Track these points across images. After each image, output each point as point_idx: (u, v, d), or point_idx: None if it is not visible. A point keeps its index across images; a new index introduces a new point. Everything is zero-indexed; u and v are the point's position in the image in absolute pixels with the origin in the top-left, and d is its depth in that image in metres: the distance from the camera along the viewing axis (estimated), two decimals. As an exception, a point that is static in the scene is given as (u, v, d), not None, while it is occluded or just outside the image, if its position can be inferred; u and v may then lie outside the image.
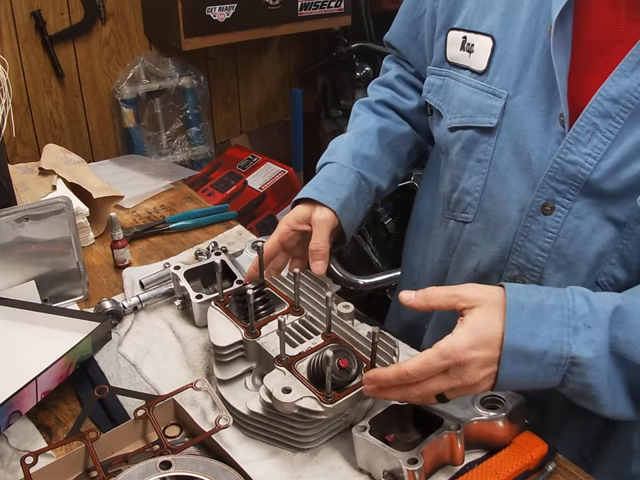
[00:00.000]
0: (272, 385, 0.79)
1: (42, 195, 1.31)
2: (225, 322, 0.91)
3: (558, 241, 0.83)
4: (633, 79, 0.73)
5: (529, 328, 0.70)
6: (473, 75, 0.87)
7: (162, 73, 2.52)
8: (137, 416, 0.82)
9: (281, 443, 0.82)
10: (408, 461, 0.72)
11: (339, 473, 0.79)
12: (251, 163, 2.63)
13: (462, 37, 0.88)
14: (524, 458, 0.76)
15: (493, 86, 0.84)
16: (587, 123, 0.77)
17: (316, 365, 0.80)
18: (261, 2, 2.34)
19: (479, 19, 0.86)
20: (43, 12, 2.20)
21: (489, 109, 0.85)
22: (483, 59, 0.85)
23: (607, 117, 0.75)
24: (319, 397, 0.77)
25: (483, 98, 0.86)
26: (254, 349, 0.88)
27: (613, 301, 0.71)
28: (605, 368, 0.70)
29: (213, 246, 1.27)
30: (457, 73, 0.90)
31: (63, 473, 0.77)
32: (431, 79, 0.96)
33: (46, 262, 1.10)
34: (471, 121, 0.87)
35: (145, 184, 1.58)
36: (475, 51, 0.86)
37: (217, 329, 0.90)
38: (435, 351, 0.69)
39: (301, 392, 0.77)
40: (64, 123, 2.40)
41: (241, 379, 0.89)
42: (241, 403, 0.84)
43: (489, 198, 0.88)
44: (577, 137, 0.78)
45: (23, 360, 0.95)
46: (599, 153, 0.77)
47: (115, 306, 1.05)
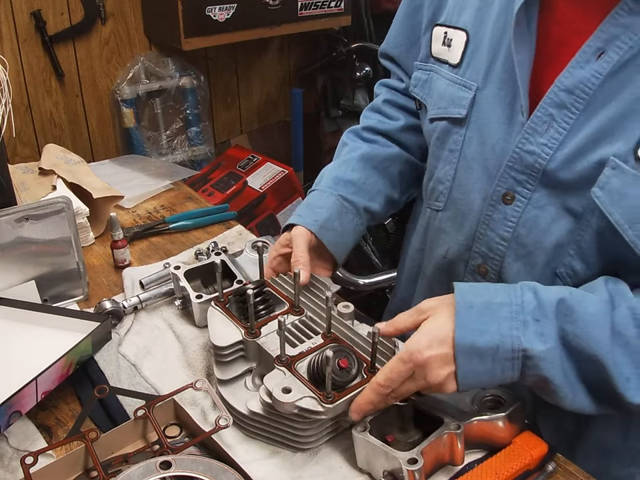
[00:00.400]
0: (272, 384, 0.78)
1: (42, 195, 1.31)
2: (224, 322, 0.91)
3: (517, 230, 0.85)
4: (587, 69, 0.75)
5: (477, 325, 0.72)
6: (449, 69, 0.91)
7: (162, 73, 2.52)
8: (137, 416, 0.82)
9: (281, 443, 0.82)
10: (408, 460, 0.72)
11: (338, 473, 0.79)
12: (251, 163, 2.63)
13: (444, 32, 0.92)
14: (524, 458, 0.76)
15: (465, 78, 0.88)
16: (544, 113, 0.78)
17: (316, 365, 0.80)
18: (261, 2, 2.34)
19: (457, 14, 0.90)
20: (42, 12, 2.19)
21: (459, 101, 0.89)
22: (457, 53, 0.90)
23: (563, 108, 0.77)
24: (319, 397, 0.77)
25: (455, 90, 0.89)
26: (254, 349, 0.87)
27: (558, 294, 0.73)
28: (558, 360, 0.71)
29: (212, 246, 1.27)
30: (439, 67, 0.94)
31: (63, 472, 0.77)
32: (417, 73, 0.99)
33: (46, 262, 1.10)
34: (445, 112, 0.91)
35: (145, 184, 1.58)
36: (452, 45, 0.90)
37: (217, 329, 0.89)
38: (397, 357, 0.75)
39: (301, 392, 0.77)
40: (64, 123, 2.40)
41: (241, 378, 0.89)
42: (241, 403, 0.84)
43: (458, 187, 0.92)
44: (534, 128, 0.80)
45: (23, 360, 0.95)
46: (554, 143, 0.78)
47: (115, 306, 1.05)
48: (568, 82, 0.76)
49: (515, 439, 0.78)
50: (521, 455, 0.76)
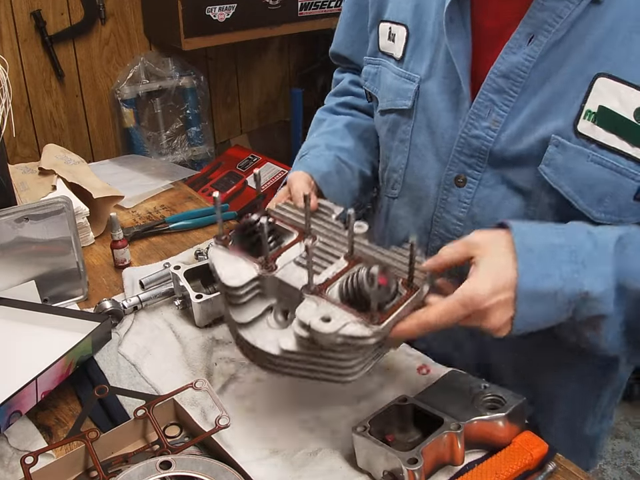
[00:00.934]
0: (307, 316, 0.70)
1: (42, 195, 1.31)
2: (232, 260, 0.80)
3: (472, 210, 0.88)
4: (519, 54, 0.79)
5: (539, 269, 0.70)
6: (395, 62, 0.95)
7: (162, 73, 2.52)
8: (137, 416, 0.82)
9: (321, 379, 0.75)
10: (408, 460, 0.72)
11: (338, 472, 0.79)
12: (251, 163, 2.63)
13: (388, 27, 0.96)
14: (524, 458, 0.76)
15: (409, 71, 0.92)
16: (485, 99, 0.83)
17: (350, 288, 0.73)
18: (261, 2, 2.35)
19: (397, 10, 0.94)
20: (42, 12, 2.20)
21: (405, 93, 0.92)
22: (400, 47, 0.93)
23: (502, 92, 0.81)
24: (364, 321, 0.69)
25: (400, 83, 0.93)
26: (273, 284, 0.79)
27: (615, 233, 0.73)
28: (613, 299, 0.71)
29: (213, 246, 1.27)
30: (386, 61, 0.97)
31: (63, 472, 0.77)
32: (367, 68, 1.02)
33: (46, 262, 1.10)
34: (392, 104, 0.95)
35: (145, 184, 1.58)
36: (395, 40, 0.94)
37: (226, 268, 0.79)
38: (456, 301, 0.69)
39: (343, 318, 0.70)
40: (64, 123, 2.40)
41: (261, 319, 0.79)
42: (270, 343, 0.75)
43: (411, 174, 0.95)
44: (477, 113, 0.84)
45: (23, 360, 0.95)
46: (497, 126, 0.82)
47: (115, 306, 1.05)
48: (503, 67, 0.81)
49: (515, 439, 0.78)
50: (521, 454, 0.76)
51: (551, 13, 0.76)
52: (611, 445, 2.25)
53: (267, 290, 0.79)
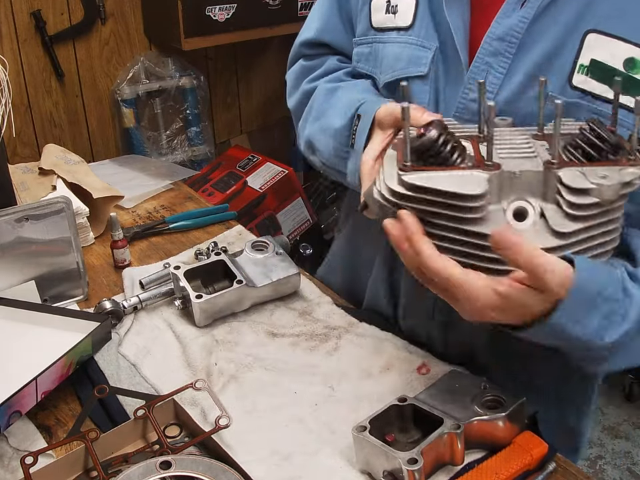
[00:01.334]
0: (581, 181, 0.66)
1: (42, 195, 1.31)
2: (442, 175, 0.69)
3: None
4: (513, 17, 0.82)
5: (577, 315, 0.69)
6: (400, 33, 0.93)
7: (162, 73, 2.52)
8: (137, 416, 0.82)
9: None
10: (408, 460, 0.72)
11: (338, 472, 0.79)
12: (251, 163, 2.63)
13: (385, 1, 0.94)
14: (524, 458, 0.76)
15: (421, 39, 0.91)
16: (481, 62, 0.84)
17: (586, 145, 0.69)
18: (261, 2, 2.34)
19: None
20: (42, 12, 2.20)
21: (419, 60, 0.91)
22: (408, 16, 0.92)
23: (497, 55, 0.83)
24: (630, 163, 0.67)
25: (412, 50, 0.91)
26: (502, 182, 0.69)
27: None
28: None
29: (212, 246, 1.27)
30: (383, 36, 0.95)
31: (63, 472, 0.77)
32: (359, 49, 0.99)
33: (46, 262, 1.10)
34: (404, 73, 0.92)
35: (145, 184, 1.58)
36: (399, 11, 0.93)
37: (445, 183, 0.68)
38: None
39: (610, 171, 0.67)
40: (64, 123, 2.40)
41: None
42: (533, 242, 0.67)
43: None
44: (474, 77, 0.84)
45: (23, 360, 0.95)
46: (494, 88, 0.84)
47: (115, 306, 1.05)
48: (498, 31, 0.82)
49: (515, 439, 0.78)
50: (521, 454, 0.76)
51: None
52: (611, 445, 2.25)
53: (493, 194, 0.69)
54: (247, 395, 0.92)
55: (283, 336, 1.04)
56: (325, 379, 0.95)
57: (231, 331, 1.05)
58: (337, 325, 1.06)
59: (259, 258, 1.13)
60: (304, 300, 1.12)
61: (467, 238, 0.69)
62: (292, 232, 2.62)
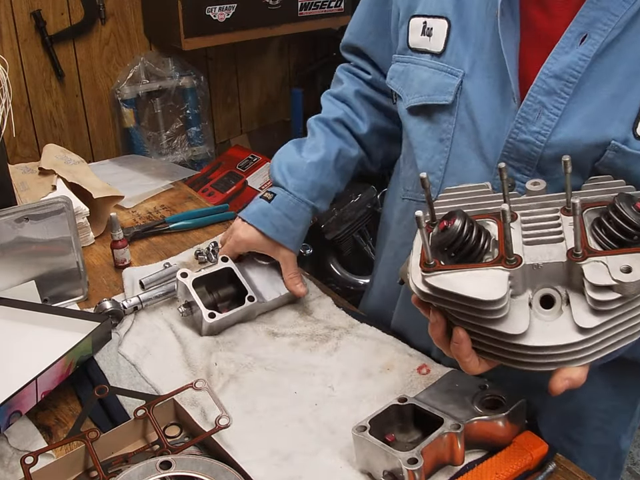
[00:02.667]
0: (604, 277, 0.64)
1: (42, 195, 1.31)
2: (462, 276, 0.69)
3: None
4: (572, 54, 0.76)
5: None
6: (432, 57, 0.90)
7: (162, 73, 2.52)
8: (137, 416, 0.82)
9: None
10: (408, 460, 0.72)
11: (338, 472, 0.79)
12: (251, 163, 2.63)
13: (422, 22, 0.91)
14: (524, 458, 0.76)
15: (451, 65, 0.87)
16: (534, 101, 0.79)
17: (613, 227, 0.67)
18: (261, 2, 2.34)
19: (435, 3, 0.90)
20: (42, 12, 2.20)
21: (445, 87, 0.88)
22: (440, 41, 0.89)
23: (552, 94, 0.77)
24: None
25: (440, 77, 0.88)
26: (524, 275, 0.69)
27: None
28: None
29: (212, 246, 1.27)
30: (418, 58, 0.93)
31: (62, 472, 0.77)
32: (395, 66, 0.98)
33: (46, 262, 1.10)
34: (428, 99, 0.90)
35: (145, 184, 1.58)
36: (433, 34, 0.90)
37: (465, 286, 0.68)
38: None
39: (636, 261, 0.64)
40: (64, 123, 2.40)
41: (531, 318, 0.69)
42: (564, 334, 0.67)
43: (451, 176, 0.89)
44: (525, 117, 0.80)
45: (23, 360, 0.95)
46: (547, 130, 0.79)
47: (115, 306, 1.05)
48: (555, 68, 0.77)
49: (515, 439, 0.78)
50: (521, 454, 0.76)
51: (606, 12, 0.73)
52: (611, 445, 2.24)
53: (518, 286, 0.70)
54: (247, 395, 0.92)
55: (283, 336, 1.04)
56: (325, 379, 0.94)
57: (231, 331, 1.05)
58: (337, 325, 1.05)
59: (265, 265, 1.11)
60: (304, 300, 1.12)
61: (491, 335, 0.69)
62: (292, 232, 2.62)
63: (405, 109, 0.95)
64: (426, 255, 0.71)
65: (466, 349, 0.71)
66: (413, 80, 0.93)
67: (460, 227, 0.70)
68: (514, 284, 0.69)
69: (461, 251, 0.71)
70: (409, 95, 0.94)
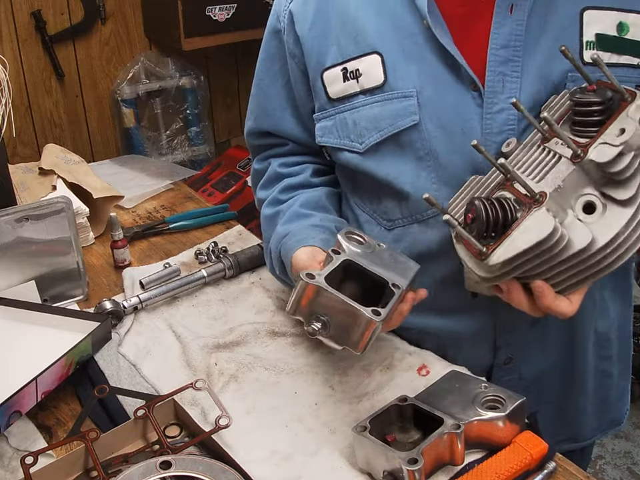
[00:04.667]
0: (608, 153, 0.70)
1: (42, 195, 1.31)
2: (516, 236, 0.73)
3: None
4: (509, 24, 0.83)
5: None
6: (373, 93, 0.90)
7: (162, 73, 2.52)
8: (137, 416, 0.82)
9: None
10: (408, 461, 0.72)
11: (338, 472, 0.79)
12: (251, 163, 2.63)
13: (340, 70, 0.91)
14: (524, 458, 0.76)
15: (400, 90, 0.88)
16: (494, 73, 0.85)
17: (583, 114, 0.76)
18: (261, 2, 2.34)
19: (353, 45, 0.89)
20: (43, 12, 2.20)
21: (404, 110, 0.88)
22: (377, 74, 0.89)
23: (507, 62, 0.84)
24: None
25: (395, 104, 0.88)
26: (557, 198, 0.74)
27: None
28: None
29: (212, 246, 1.27)
30: (349, 104, 0.92)
31: (63, 472, 0.77)
32: (322, 124, 0.96)
33: (46, 262, 1.10)
34: (393, 129, 0.89)
35: (145, 184, 1.59)
36: (364, 73, 0.89)
37: (525, 239, 0.72)
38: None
39: (623, 120, 0.73)
40: (64, 123, 2.40)
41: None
42: (614, 223, 0.72)
43: (447, 182, 0.89)
44: (492, 89, 0.85)
45: (23, 360, 0.95)
46: (515, 93, 0.85)
47: (115, 306, 1.05)
48: (500, 40, 0.84)
49: (515, 439, 0.78)
50: (521, 455, 0.76)
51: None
52: (611, 444, 2.24)
53: (558, 212, 0.74)
54: (247, 395, 0.92)
55: (283, 335, 1.04)
56: (325, 379, 0.95)
57: (231, 330, 1.05)
58: (337, 325, 1.05)
59: (376, 252, 0.86)
60: (304, 300, 1.12)
61: (569, 264, 0.74)
62: (292, 232, 2.62)
63: (359, 153, 0.92)
64: (475, 247, 0.75)
65: (550, 295, 0.75)
66: (357, 124, 0.91)
67: (483, 209, 0.75)
68: (554, 213, 0.73)
69: (497, 226, 0.75)
70: (361, 138, 0.91)
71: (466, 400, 0.80)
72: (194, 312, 1.11)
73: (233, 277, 1.19)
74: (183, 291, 1.13)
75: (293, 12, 0.97)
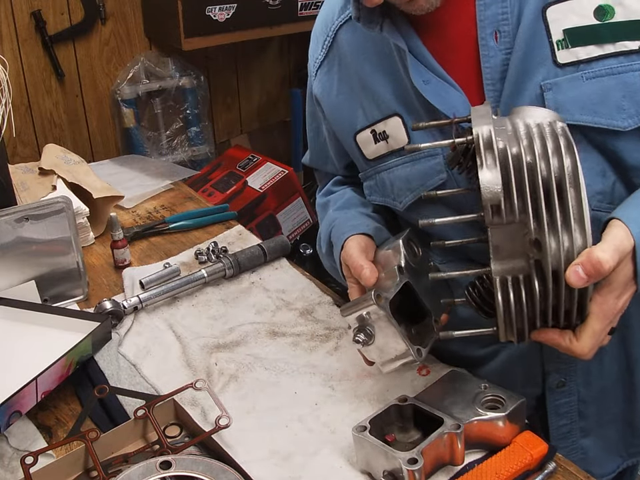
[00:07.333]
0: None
1: (42, 195, 1.31)
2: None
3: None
4: (497, 55, 0.80)
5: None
6: (401, 154, 0.90)
7: (162, 73, 2.52)
8: (137, 416, 0.82)
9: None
10: (408, 460, 0.72)
11: (338, 472, 0.79)
12: (251, 163, 2.63)
13: (370, 132, 0.92)
14: (524, 458, 0.76)
15: (425, 149, 0.86)
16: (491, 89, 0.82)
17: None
18: (261, 2, 2.34)
19: (376, 108, 0.90)
20: (43, 12, 2.19)
21: (432, 169, 0.87)
22: (402, 135, 0.88)
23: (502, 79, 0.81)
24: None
25: (422, 164, 0.88)
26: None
27: None
28: None
29: (212, 246, 1.27)
30: (383, 164, 0.92)
31: (63, 472, 0.77)
32: (366, 183, 0.98)
33: (46, 262, 1.10)
34: (423, 188, 0.88)
35: (145, 184, 1.59)
36: (390, 135, 0.90)
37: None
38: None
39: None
40: (64, 123, 2.40)
41: None
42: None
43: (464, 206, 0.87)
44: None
45: (23, 360, 0.95)
46: (497, 103, 0.81)
47: (115, 306, 1.05)
48: (492, 75, 0.81)
49: (515, 439, 0.78)
50: (521, 454, 0.76)
51: (495, 3, 0.79)
52: None
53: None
54: (247, 395, 0.92)
55: (283, 335, 1.04)
56: (325, 379, 0.95)
57: (231, 330, 1.05)
58: (337, 325, 1.06)
59: (424, 271, 0.87)
60: (305, 300, 1.12)
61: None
62: (292, 232, 2.62)
63: (402, 212, 0.94)
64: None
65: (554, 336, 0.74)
66: (393, 184, 0.92)
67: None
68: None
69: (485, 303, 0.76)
70: (399, 198, 0.92)
71: (466, 400, 0.80)
72: (194, 312, 1.11)
73: (232, 276, 1.19)
74: (183, 290, 1.13)
75: (320, 82, 0.98)
